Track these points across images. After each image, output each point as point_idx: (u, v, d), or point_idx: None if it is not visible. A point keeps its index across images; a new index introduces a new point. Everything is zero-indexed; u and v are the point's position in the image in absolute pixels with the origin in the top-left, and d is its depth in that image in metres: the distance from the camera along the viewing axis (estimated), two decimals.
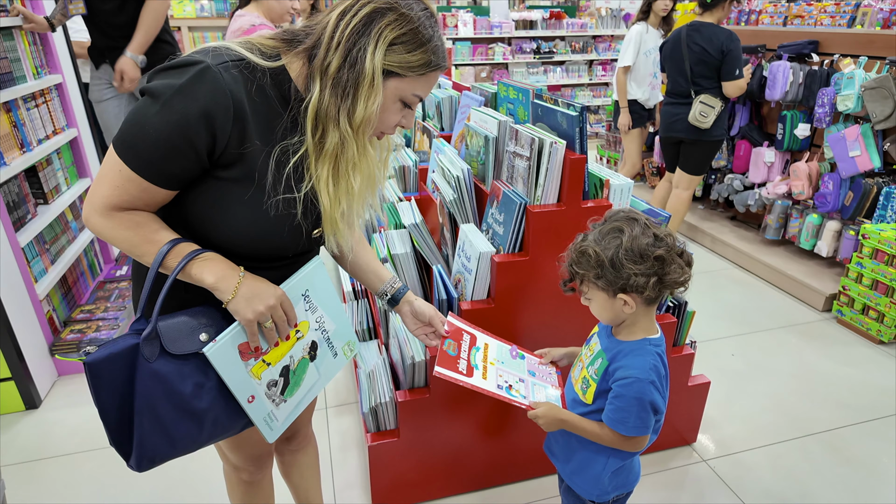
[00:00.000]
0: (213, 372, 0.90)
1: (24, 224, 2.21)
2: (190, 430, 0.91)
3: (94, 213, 0.86)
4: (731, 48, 2.93)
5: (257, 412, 0.95)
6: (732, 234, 3.62)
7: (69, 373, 2.30)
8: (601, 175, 1.49)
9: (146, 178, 0.84)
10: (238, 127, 0.85)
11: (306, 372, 1.01)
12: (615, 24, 6.42)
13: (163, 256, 0.86)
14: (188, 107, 0.81)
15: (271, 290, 0.92)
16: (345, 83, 0.85)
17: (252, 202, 0.89)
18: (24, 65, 2.36)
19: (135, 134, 0.82)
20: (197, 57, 0.83)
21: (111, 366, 0.84)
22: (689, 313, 1.75)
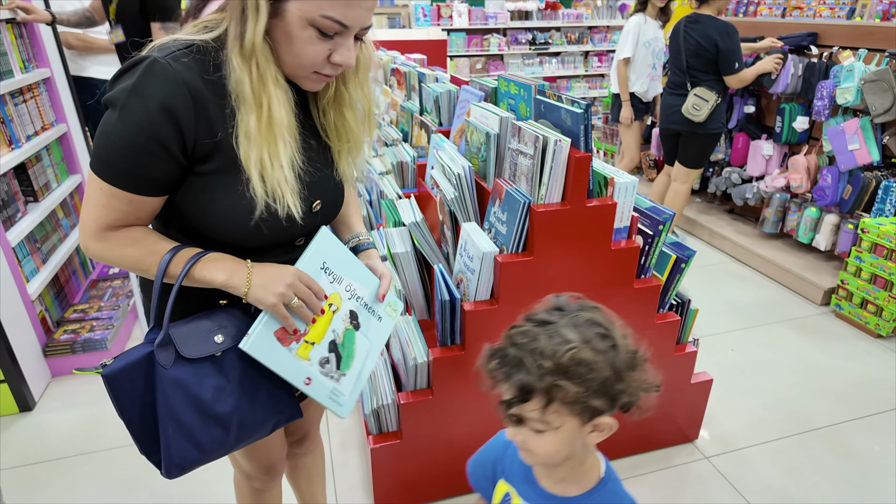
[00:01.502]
0: (233, 374, 0.88)
1: (14, 223, 2.17)
2: (216, 435, 0.89)
3: (90, 239, 0.85)
4: (723, 44, 2.92)
5: (319, 392, 0.93)
6: (730, 227, 3.61)
7: (63, 374, 2.26)
8: (605, 173, 1.47)
9: (128, 190, 0.81)
10: (202, 115, 0.81)
11: (355, 342, 0.98)
12: (611, 15, 6.37)
13: (166, 265, 0.85)
14: (145, 104, 0.77)
15: (284, 270, 0.88)
16: (237, 10, 0.80)
17: (241, 190, 0.85)
18: (11, 59, 2.30)
19: (104, 147, 0.80)
20: (143, 54, 0.80)
21: (129, 376, 0.83)
22: (692, 311, 1.74)
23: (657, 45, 3.46)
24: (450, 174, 1.71)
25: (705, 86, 3.03)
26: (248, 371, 0.90)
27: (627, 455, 1.85)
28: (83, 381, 2.24)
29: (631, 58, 3.47)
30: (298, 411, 0.99)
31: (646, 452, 1.86)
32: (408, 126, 2.64)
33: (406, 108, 2.66)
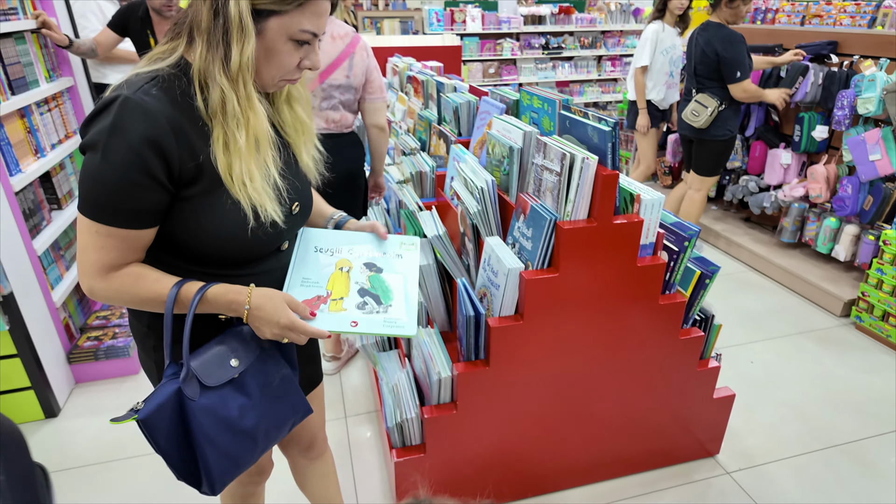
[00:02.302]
0: (252, 390, 0.95)
1: (40, 231, 2.20)
2: (247, 447, 0.96)
3: (94, 281, 0.87)
4: (724, 53, 2.92)
5: (372, 327, 0.98)
6: (747, 236, 3.59)
7: (86, 380, 2.29)
8: (632, 190, 1.47)
9: (122, 227, 0.84)
10: (183, 141, 0.84)
11: (385, 281, 1.05)
12: (624, 19, 6.35)
13: (172, 302, 0.89)
14: (128, 140, 0.80)
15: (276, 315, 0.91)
16: (217, 34, 0.83)
17: (229, 205, 0.89)
18: (37, 69, 2.33)
19: (92, 189, 0.82)
20: (112, 94, 0.83)
21: (161, 414, 0.87)
22: (716, 327, 1.73)
23: (675, 53, 3.45)
24: (472, 187, 1.71)
25: (708, 92, 3.05)
26: (263, 384, 0.98)
27: (649, 469, 1.84)
28: (106, 389, 2.27)
29: (648, 65, 3.46)
30: (310, 408, 1.07)
31: (667, 467, 1.86)
32: (426, 135, 2.65)
33: (424, 116, 2.66)
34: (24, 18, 2.25)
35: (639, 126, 3.65)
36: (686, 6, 3.42)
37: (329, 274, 1.03)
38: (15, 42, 2.17)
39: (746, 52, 2.94)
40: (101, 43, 2.63)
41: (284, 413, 1.02)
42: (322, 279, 1.02)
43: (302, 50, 0.90)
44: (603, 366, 1.60)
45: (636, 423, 1.74)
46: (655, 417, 1.75)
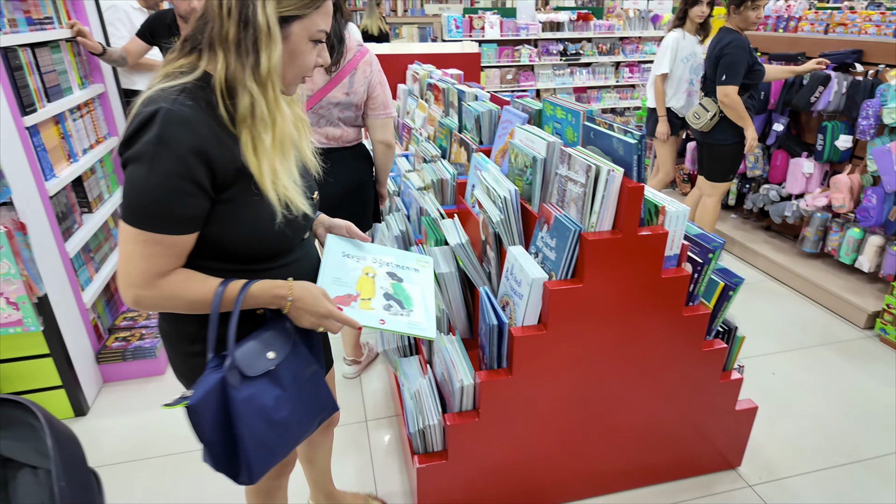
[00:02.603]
0: (286, 382, 1.02)
1: (72, 234, 2.26)
2: (282, 437, 1.02)
3: (140, 290, 0.90)
4: (724, 53, 2.92)
5: (398, 326, 1.09)
6: (767, 245, 3.56)
7: (113, 380, 2.35)
8: (657, 201, 1.48)
9: (170, 233, 0.89)
10: (222, 148, 0.90)
11: (405, 290, 1.17)
12: (643, 26, 6.33)
13: (220, 301, 0.94)
14: (175, 150, 0.85)
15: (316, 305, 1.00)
16: (246, 43, 0.88)
17: (266, 205, 0.95)
18: (70, 76, 2.40)
19: (140, 199, 0.86)
20: (150, 108, 0.86)
21: (207, 401, 0.92)
22: (739, 339, 1.73)
23: (695, 61, 3.44)
24: (495, 196, 1.73)
25: (712, 97, 3.06)
26: (296, 378, 1.03)
27: (669, 480, 1.84)
28: (132, 388, 2.32)
29: (668, 73, 3.46)
30: (336, 405, 1.15)
31: (688, 478, 1.85)
32: (446, 142, 2.68)
33: (444, 124, 2.69)
34: (59, 28, 2.32)
35: (658, 133, 3.64)
36: (707, 14, 3.41)
37: (357, 277, 1.13)
38: (51, 51, 2.24)
39: (749, 60, 2.90)
40: (130, 51, 2.70)
41: (314, 407, 1.08)
42: (351, 281, 1.12)
43: (317, 48, 0.98)
44: (625, 376, 1.61)
45: (657, 434, 1.74)
46: (677, 429, 1.75)
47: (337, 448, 1.98)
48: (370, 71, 1.94)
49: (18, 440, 0.60)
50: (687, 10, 3.42)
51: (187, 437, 2.06)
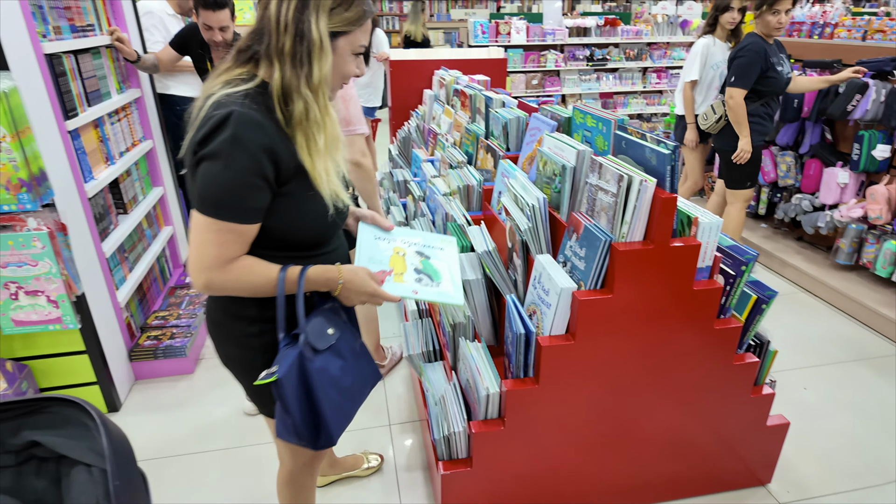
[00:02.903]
0: (346, 354, 1.14)
1: (108, 234, 2.32)
2: (350, 402, 1.15)
3: (212, 273, 1.00)
4: (738, 55, 2.90)
5: (429, 295, 1.20)
6: (799, 256, 3.48)
7: (145, 377, 2.40)
8: (689, 213, 1.46)
9: (241, 223, 0.99)
10: (285, 146, 1.01)
11: (433, 266, 1.28)
12: (671, 31, 6.26)
13: (283, 283, 1.05)
14: (248, 149, 0.95)
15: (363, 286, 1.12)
16: (300, 55, 0.99)
17: (317, 198, 1.06)
18: (109, 81, 2.48)
19: (217, 193, 0.96)
20: (222, 111, 0.96)
21: (290, 373, 1.03)
22: (771, 353, 1.69)
23: (725, 68, 3.39)
24: (523, 204, 1.73)
25: (723, 99, 3.05)
26: (351, 350, 1.16)
27: (697, 495, 1.81)
28: (163, 386, 2.37)
29: (698, 80, 3.41)
30: (380, 376, 1.27)
31: (716, 493, 1.82)
32: (472, 149, 2.68)
33: (471, 130, 2.70)
34: (100, 34, 2.39)
35: (687, 141, 3.59)
36: (738, 21, 3.36)
37: (389, 256, 1.25)
38: (92, 57, 2.31)
39: (762, 65, 2.85)
40: (162, 60, 2.77)
41: (367, 375, 1.21)
42: (385, 259, 1.24)
43: (357, 60, 1.11)
44: (654, 388, 1.59)
45: (686, 448, 1.71)
46: (706, 443, 1.72)
47: (360, 450, 2.00)
48: None
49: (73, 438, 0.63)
50: (718, 16, 3.38)
51: (215, 437, 2.10)
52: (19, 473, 0.67)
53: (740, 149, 3.00)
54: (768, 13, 2.84)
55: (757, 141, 3.02)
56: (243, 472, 1.95)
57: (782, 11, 2.81)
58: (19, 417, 0.64)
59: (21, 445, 0.66)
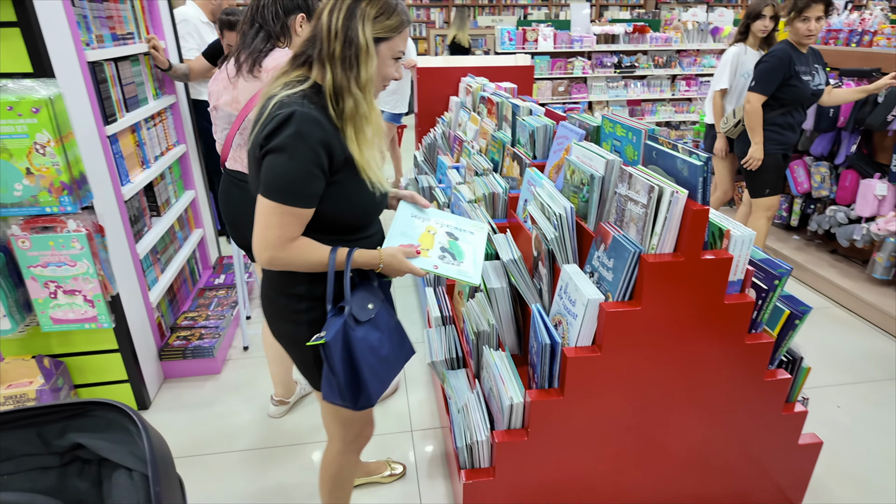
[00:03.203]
0: (383, 327, 1.28)
1: (142, 236, 2.39)
2: (387, 370, 1.28)
3: (275, 251, 1.15)
4: (762, 61, 2.86)
5: (448, 271, 1.30)
6: (833, 269, 3.38)
7: (174, 376, 2.46)
8: (721, 225, 1.43)
9: (301, 207, 1.13)
10: (338, 141, 1.15)
11: (459, 247, 1.38)
12: (702, 39, 6.16)
13: (334, 262, 1.19)
14: (308, 142, 1.10)
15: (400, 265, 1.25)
16: (349, 58, 1.13)
17: (362, 186, 1.20)
18: (146, 88, 2.55)
19: (282, 181, 1.11)
20: (285, 110, 1.10)
21: (336, 339, 1.17)
22: (804, 370, 1.65)
23: None
24: (550, 213, 1.72)
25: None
26: (388, 324, 1.30)
27: None
28: (190, 385, 2.42)
29: (728, 89, 3.35)
30: (414, 351, 1.40)
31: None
32: (498, 156, 2.68)
33: (497, 137, 2.70)
34: (139, 42, 2.47)
35: (716, 150, 3.53)
36: (770, 28, 3.29)
37: (420, 233, 1.36)
38: (131, 64, 2.39)
39: (786, 72, 2.79)
40: (193, 69, 2.84)
41: (401, 349, 1.34)
42: (415, 235, 1.35)
43: (396, 64, 1.24)
44: (682, 403, 1.56)
45: (713, 465, 1.67)
46: (734, 460, 1.68)
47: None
48: None
49: (115, 442, 0.65)
50: (749, 24, 3.32)
51: (239, 437, 2.13)
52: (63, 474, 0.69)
53: (749, 155, 2.96)
54: (798, 20, 2.78)
55: (773, 149, 2.96)
56: (266, 473, 1.97)
57: (812, 18, 2.74)
58: (65, 420, 0.67)
59: (66, 447, 0.68)
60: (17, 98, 1.64)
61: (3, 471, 0.67)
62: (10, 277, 1.85)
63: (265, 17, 1.72)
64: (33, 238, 1.81)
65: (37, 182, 1.74)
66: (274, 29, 1.72)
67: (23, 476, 0.68)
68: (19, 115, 1.65)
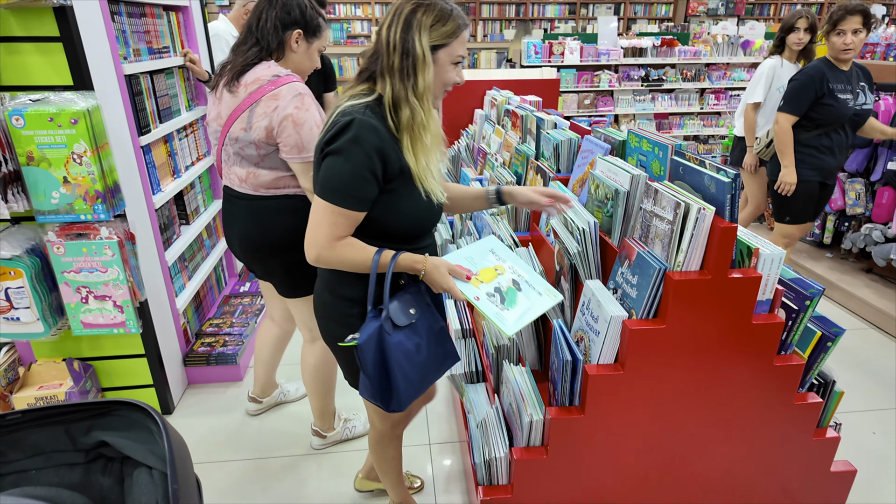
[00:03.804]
0: (422, 333, 1.29)
1: (171, 244, 2.45)
2: (419, 377, 1.29)
3: (323, 250, 1.20)
4: (794, 78, 2.77)
5: (486, 309, 1.25)
6: (868, 289, 3.26)
7: (197, 382, 2.50)
8: (749, 243, 1.40)
9: (351, 209, 1.19)
10: (392, 149, 1.20)
11: (516, 297, 1.32)
12: (732, 52, 6.08)
13: (377, 263, 1.22)
14: (364, 149, 1.16)
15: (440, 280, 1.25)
16: (407, 69, 1.18)
17: (416, 196, 1.25)
18: (179, 99, 2.63)
19: (336, 182, 1.18)
20: (347, 118, 1.17)
21: (370, 342, 1.21)
22: (837, 394, 1.59)
23: None
24: (573, 227, 1.70)
25: None
26: (430, 330, 1.31)
27: None
28: (213, 392, 2.46)
29: (761, 102, 3.29)
30: (458, 355, 1.41)
31: None
32: (522, 169, 2.68)
33: (521, 151, 2.69)
34: (174, 56, 2.55)
35: (745, 164, 3.46)
36: (805, 41, 3.23)
37: (485, 266, 1.34)
38: (165, 77, 2.46)
39: (818, 91, 2.66)
40: None
41: (442, 356, 1.35)
42: (480, 266, 1.33)
43: (456, 69, 1.27)
44: (707, 425, 1.52)
45: (740, 491, 1.62)
46: (762, 486, 1.62)
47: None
48: (274, 106, 1.60)
49: (137, 441, 0.67)
50: (783, 37, 3.26)
51: (259, 445, 2.15)
52: (88, 471, 0.72)
53: (780, 179, 2.80)
54: (833, 34, 2.66)
55: (808, 175, 2.78)
56: (285, 482, 1.98)
57: (847, 32, 2.60)
58: (91, 418, 0.69)
59: (91, 445, 0.71)
60: (58, 110, 1.71)
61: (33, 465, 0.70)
62: (44, 282, 1.92)
63: (264, 32, 1.67)
64: (68, 244, 1.87)
65: (73, 190, 1.80)
66: (271, 44, 1.68)
67: (51, 471, 0.71)
68: (59, 126, 1.72)
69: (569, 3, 9.48)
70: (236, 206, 1.77)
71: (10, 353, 2.10)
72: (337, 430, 2.15)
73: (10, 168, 1.76)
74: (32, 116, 1.70)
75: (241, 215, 1.77)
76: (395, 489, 1.75)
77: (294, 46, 1.72)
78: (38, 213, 1.82)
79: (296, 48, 1.72)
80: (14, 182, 1.78)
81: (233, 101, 1.67)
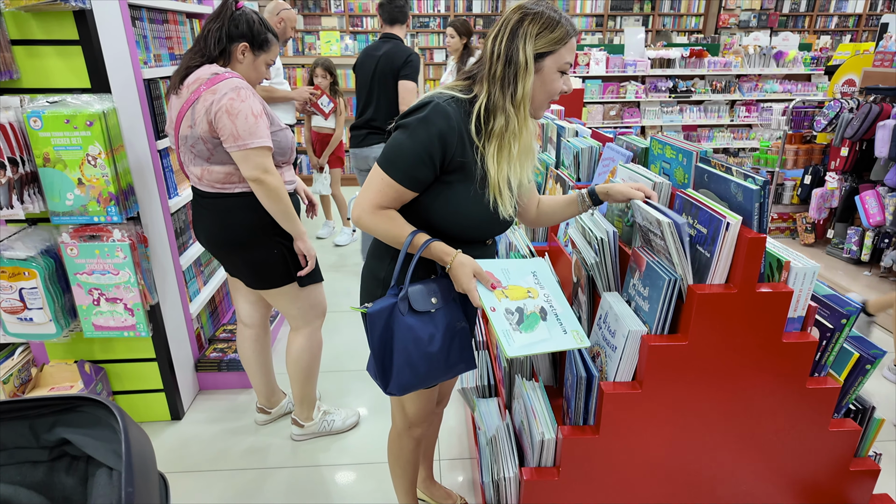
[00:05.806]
0: (440, 326, 1.26)
1: (186, 249, 2.45)
2: (428, 367, 1.26)
3: (365, 213, 1.23)
4: None
5: (497, 323, 1.18)
6: None
7: (209, 388, 2.48)
8: (779, 256, 1.30)
9: (400, 183, 1.20)
10: (460, 143, 1.20)
11: (537, 324, 1.25)
12: (764, 63, 5.92)
13: (409, 243, 1.22)
14: (429, 130, 1.17)
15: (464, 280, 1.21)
16: (508, 76, 1.18)
17: (474, 196, 1.24)
18: None
19: (393, 153, 1.20)
20: (427, 98, 1.21)
21: (380, 315, 1.21)
22: (877, 421, 1.47)
23: None
24: (591, 237, 1.63)
25: None
26: (449, 325, 1.28)
27: None
28: (224, 398, 2.43)
29: None
30: (474, 363, 1.37)
31: None
32: (541, 178, 2.61)
33: (541, 159, 2.63)
34: None
35: None
36: None
37: (518, 284, 1.28)
38: None
39: None
40: None
41: (456, 357, 1.31)
42: (512, 281, 1.27)
43: (563, 78, 1.24)
44: (732, 450, 1.42)
45: None
46: None
47: None
48: (212, 100, 1.65)
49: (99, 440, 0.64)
50: None
51: (266, 454, 2.11)
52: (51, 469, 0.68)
53: None
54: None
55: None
56: (289, 493, 1.93)
57: None
58: (54, 414, 0.67)
59: (54, 442, 0.68)
60: (74, 112, 1.72)
61: None
62: (58, 283, 1.92)
63: (208, 40, 1.74)
64: (81, 246, 1.88)
65: (87, 192, 1.81)
66: (213, 51, 1.74)
67: (13, 469, 0.68)
68: (75, 128, 1.73)
69: (596, 15, 9.42)
70: (200, 204, 1.85)
71: (24, 353, 2.11)
72: (315, 420, 2.21)
73: (28, 169, 1.78)
74: (49, 118, 1.71)
75: (204, 214, 1.84)
76: (405, 495, 1.71)
77: (240, 57, 1.80)
78: (52, 215, 1.84)
79: (241, 59, 1.80)
80: (31, 183, 1.80)
81: (178, 102, 1.75)
